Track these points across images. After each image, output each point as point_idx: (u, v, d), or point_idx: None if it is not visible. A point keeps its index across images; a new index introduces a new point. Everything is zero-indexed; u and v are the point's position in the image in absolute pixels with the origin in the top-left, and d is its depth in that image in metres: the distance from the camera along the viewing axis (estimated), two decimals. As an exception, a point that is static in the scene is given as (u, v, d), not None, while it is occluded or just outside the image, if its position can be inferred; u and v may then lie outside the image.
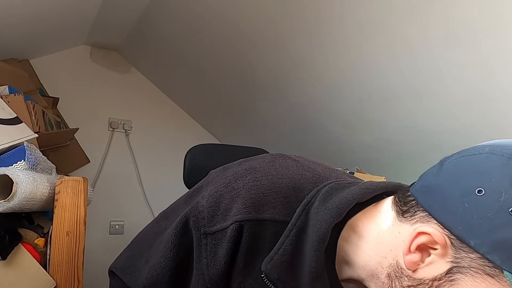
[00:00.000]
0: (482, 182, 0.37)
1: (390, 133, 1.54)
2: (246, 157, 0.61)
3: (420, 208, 0.42)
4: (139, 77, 2.48)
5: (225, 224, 0.49)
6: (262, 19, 1.44)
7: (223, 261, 0.49)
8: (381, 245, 0.45)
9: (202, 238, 0.51)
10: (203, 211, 0.51)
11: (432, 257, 0.40)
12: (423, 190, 0.43)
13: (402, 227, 0.44)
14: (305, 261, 0.46)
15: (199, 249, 0.52)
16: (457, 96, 1.20)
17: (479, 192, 0.37)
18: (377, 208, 0.49)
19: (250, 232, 0.48)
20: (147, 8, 1.79)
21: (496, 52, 1.01)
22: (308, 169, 0.56)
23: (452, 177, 0.40)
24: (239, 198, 0.50)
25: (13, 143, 1.01)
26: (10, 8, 1.41)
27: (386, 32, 1.18)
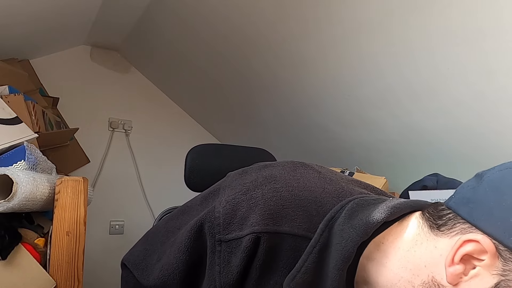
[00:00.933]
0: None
1: (390, 133, 1.54)
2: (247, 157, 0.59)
3: (460, 221, 0.40)
4: (139, 77, 2.48)
5: (241, 233, 0.48)
6: (263, 19, 1.44)
7: (236, 271, 0.48)
8: (413, 262, 0.43)
9: (216, 244, 0.50)
10: (219, 217, 0.50)
11: (477, 269, 0.38)
12: (464, 202, 0.41)
13: (439, 241, 0.41)
14: (327, 281, 0.44)
15: (213, 255, 0.50)
16: (457, 96, 1.20)
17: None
18: (403, 225, 0.47)
19: (267, 244, 0.47)
20: (147, 8, 1.79)
21: (497, 52, 1.01)
22: (331, 182, 0.53)
23: (497, 188, 0.39)
24: (257, 208, 0.48)
25: (13, 143, 1.01)
26: (10, 8, 1.41)
27: (386, 32, 1.18)
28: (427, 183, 1.23)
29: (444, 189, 1.15)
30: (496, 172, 0.41)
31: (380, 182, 1.26)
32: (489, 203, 0.38)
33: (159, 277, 0.54)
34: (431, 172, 1.29)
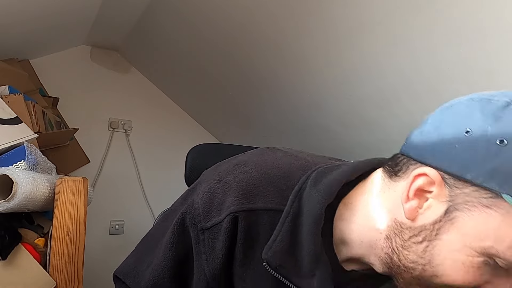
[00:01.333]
0: (468, 124, 0.40)
1: (391, 133, 1.54)
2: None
3: (412, 162, 0.44)
4: (139, 77, 2.48)
5: (220, 218, 0.50)
6: (263, 18, 1.44)
7: (221, 254, 0.50)
8: (378, 211, 0.46)
9: (199, 234, 0.52)
10: (198, 208, 0.52)
11: (430, 201, 0.41)
12: (413, 145, 0.45)
13: (397, 185, 0.45)
14: (304, 245, 0.47)
15: (198, 245, 0.53)
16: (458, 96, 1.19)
17: (467, 133, 0.39)
18: (368, 182, 0.51)
19: (244, 222, 0.49)
20: (147, 7, 1.79)
21: (497, 52, 1.01)
22: (297, 158, 0.56)
23: (438, 127, 0.43)
24: (231, 191, 0.51)
25: (13, 143, 1.01)
26: (10, 8, 1.41)
27: (386, 32, 1.18)
28: (427, 183, 1.23)
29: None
30: (436, 113, 0.46)
31: (380, 182, 1.26)
32: (433, 141, 0.42)
33: (150, 279, 0.55)
34: (431, 172, 1.29)
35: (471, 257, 0.38)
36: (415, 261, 0.42)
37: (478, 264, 0.38)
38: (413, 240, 0.42)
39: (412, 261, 0.42)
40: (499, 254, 0.37)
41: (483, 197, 0.37)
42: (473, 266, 0.38)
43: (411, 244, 0.42)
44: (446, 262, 0.39)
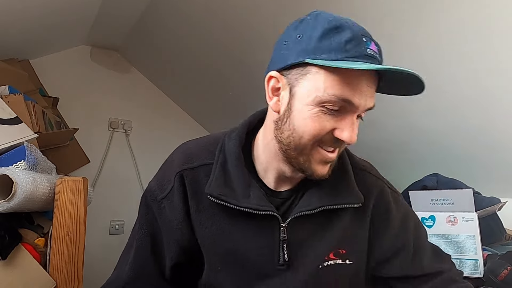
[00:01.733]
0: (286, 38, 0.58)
1: (391, 133, 1.54)
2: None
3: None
4: (139, 77, 2.48)
5: (171, 184, 0.65)
6: (263, 19, 1.44)
7: (180, 208, 0.64)
8: (268, 126, 0.63)
9: (159, 204, 0.66)
10: (154, 186, 0.68)
11: (282, 93, 0.58)
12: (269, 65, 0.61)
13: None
14: (234, 177, 0.63)
15: (161, 214, 0.66)
16: (458, 95, 1.20)
17: (285, 43, 0.57)
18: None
19: (189, 178, 0.64)
20: (147, 8, 1.79)
21: (498, 51, 1.01)
22: (222, 132, 0.71)
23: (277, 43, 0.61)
24: (175, 163, 0.67)
25: (13, 143, 1.01)
26: (10, 8, 1.41)
27: (386, 31, 1.18)
28: (427, 183, 1.23)
29: (444, 189, 1.15)
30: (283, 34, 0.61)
31: (380, 182, 1.26)
32: (275, 55, 0.59)
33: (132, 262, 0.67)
34: (431, 172, 1.29)
35: (311, 111, 0.54)
36: (288, 136, 0.57)
37: (317, 113, 0.54)
38: (282, 124, 0.58)
39: (287, 137, 0.57)
40: (323, 98, 0.53)
41: (301, 71, 0.55)
42: (315, 116, 0.54)
43: (282, 127, 0.58)
44: (300, 123, 0.55)
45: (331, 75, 0.52)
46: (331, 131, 0.55)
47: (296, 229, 0.63)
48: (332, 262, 0.64)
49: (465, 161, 1.39)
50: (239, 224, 0.63)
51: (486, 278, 0.97)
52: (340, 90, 0.52)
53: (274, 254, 0.63)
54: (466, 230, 1.03)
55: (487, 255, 1.03)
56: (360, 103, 0.54)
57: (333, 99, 0.52)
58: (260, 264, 0.64)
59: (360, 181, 0.67)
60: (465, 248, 1.02)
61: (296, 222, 0.63)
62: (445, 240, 1.05)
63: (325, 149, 0.57)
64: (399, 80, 0.55)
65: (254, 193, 0.62)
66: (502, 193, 1.25)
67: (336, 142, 0.56)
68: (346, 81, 0.52)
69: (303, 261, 0.64)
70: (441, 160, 1.48)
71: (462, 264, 1.01)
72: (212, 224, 0.64)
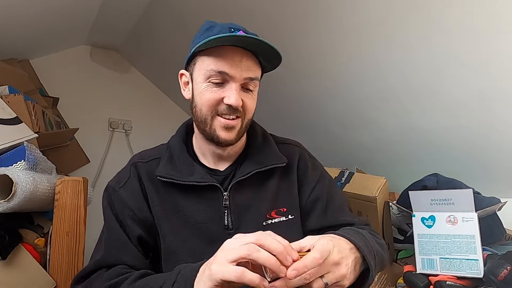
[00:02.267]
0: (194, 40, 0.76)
1: (390, 133, 1.54)
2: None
3: None
4: (139, 77, 2.48)
5: (127, 175, 0.77)
6: (263, 19, 1.44)
7: (137, 187, 0.75)
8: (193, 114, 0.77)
9: (118, 193, 0.75)
10: (112, 183, 0.78)
11: (189, 85, 0.75)
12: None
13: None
14: (179, 163, 0.76)
15: (120, 200, 0.75)
16: (457, 96, 1.20)
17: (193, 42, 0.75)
18: None
19: (142, 168, 0.77)
20: (147, 8, 1.79)
21: (496, 52, 1.01)
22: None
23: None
24: (129, 163, 0.80)
25: (13, 143, 1.01)
26: (11, 8, 1.41)
27: (385, 32, 1.18)
28: (427, 183, 1.23)
29: (444, 189, 1.15)
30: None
31: (380, 182, 1.25)
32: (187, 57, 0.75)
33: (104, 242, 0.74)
34: (431, 172, 1.29)
35: (202, 86, 0.70)
36: (195, 112, 0.73)
37: (206, 87, 0.69)
38: (192, 106, 0.74)
39: (195, 113, 0.73)
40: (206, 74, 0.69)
41: (193, 61, 0.73)
42: (205, 89, 0.69)
43: (193, 109, 0.74)
44: (198, 98, 0.71)
45: (209, 56, 0.69)
46: (221, 101, 0.69)
47: (237, 196, 0.75)
48: (276, 220, 0.76)
49: (465, 161, 1.39)
50: (188, 197, 0.74)
51: (486, 278, 0.97)
52: (216, 65, 0.68)
53: (221, 220, 0.74)
54: (466, 230, 1.03)
55: (487, 255, 1.03)
56: (235, 73, 0.68)
57: (213, 73, 0.68)
58: (210, 231, 0.73)
59: (283, 150, 0.82)
60: (465, 248, 1.02)
61: (235, 190, 0.75)
62: (445, 240, 1.05)
63: (224, 117, 0.70)
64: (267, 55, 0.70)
65: (197, 171, 0.75)
66: (502, 193, 1.25)
67: (230, 109, 0.69)
68: (220, 58, 0.68)
69: (248, 223, 0.74)
70: (441, 160, 1.48)
71: (462, 264, 1.01)
72: (165, 198, 0.74)
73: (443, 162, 1.47)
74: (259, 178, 0.76)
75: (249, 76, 0.70)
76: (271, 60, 0.72)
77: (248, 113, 0.73)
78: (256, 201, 0.76)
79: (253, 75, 0.70)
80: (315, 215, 0.78)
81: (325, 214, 0.78)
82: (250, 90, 0.72)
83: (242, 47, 0.69)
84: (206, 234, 0.73)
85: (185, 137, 0.82)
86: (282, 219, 0.76)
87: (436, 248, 1.06)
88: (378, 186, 1.24)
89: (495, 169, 1.34)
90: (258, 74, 0.72)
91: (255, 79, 0.71)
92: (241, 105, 0.69)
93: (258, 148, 0.80)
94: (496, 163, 1.31)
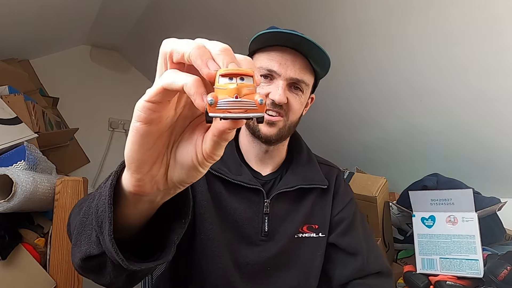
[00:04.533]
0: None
1: (390, 133, 1.54)
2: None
3: None
4: (139, 77, 2.48)
5: None
6: (262, 19, 1.44)
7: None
8: None
9: None
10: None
11: None
12: None
13: None
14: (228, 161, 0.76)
15: None
16: (457, 95, 1.20)
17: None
18: None
19: None
20: (147, 7, 1.79)
21: (496, 52, 1.01)
22: None
23: None
24: None
25: (13, 143, 1.01)
26: (10, 8, 1.41)
27: (386, 32, 1.18)
28: (427, 183, 1.23)
29: (444, 189, 1.15)
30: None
31: (380, 182, 1.25)
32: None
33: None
34: (431, 172, 1.29)
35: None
36: None
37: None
38: None
39: None
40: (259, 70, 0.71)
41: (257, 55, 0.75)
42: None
43: None
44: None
45: (262, 54, 0.73)
46: (267, 96, 0.71)
47: (277, 205, 0.77)
48: (307, 235, 0.78)
49: (465, 161, 1.39)
50: (231, 194, 0.75)
51: (486, 278, 0.97)
52: (267, 62, 0.71)
53: (258, 225, 0.75)
54: (466, 230, 1.03)
55: (487, 255, 1.03)
56: (281, 71, 0.70)
57: (263, 70, 0.71)
58: (245, 231, 0.75)
59: (324, 170, 0.85)
60: (465, 248, 1.02)
61: (277, 198, 0.77)
62: (445, 240, 1.05)
63: (267, 112, 0.72)
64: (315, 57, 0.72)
65: (245, 172, 0.76)
66: (502, 193, 1.25)
67: (274, 105, 0.71)
68: (270, 56, 0.71)
69: (281, 233, 0.76)
70: (441, 160, 1.48)
71: (462, 264, 1.01)
72: (212, 189, 0.74)
73: (443, 162, 1.47)
74: (299, 192, 0.79)
75: (296, 77, 0.72)
76: (320, 63, 0.73)
77: (292, 113, 0.74)
78: (292, 213, 0.78)
79: (300, 76, 0.72)
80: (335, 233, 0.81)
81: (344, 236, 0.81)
82: (299, 90, 0.74)
83: (292, 48, 0.71)
84: (241, 233, 0.75)
85: (235, 135, 0.83)
86: (313, 235, 0.79)
87: (436, 248, 1.06)
88: (378, 186, 1.24)
89: (495, 169, 1.34)
90: (307, 78, 0.74)
91: (303, 81, 0.73)
92: (285, 103, 0.71)
93: (303, 164, 0.82)
94: (496, 163, 1.31)
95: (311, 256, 0.79)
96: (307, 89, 0.75)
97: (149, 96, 0.34)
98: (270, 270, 0.75)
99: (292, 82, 0.72)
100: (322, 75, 0.78)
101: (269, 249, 0.75)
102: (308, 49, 0.71)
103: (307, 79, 0.74)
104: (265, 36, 0.71)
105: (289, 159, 0.84)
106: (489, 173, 1.37)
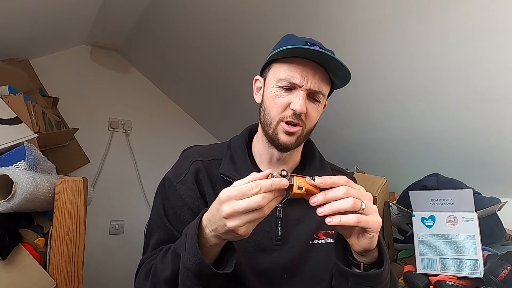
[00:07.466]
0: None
1: (390, 133, 1.54)
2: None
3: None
4: (139, 77, 2.48)
5: (186, 170, 0.79)
6: (261, 20, 1.44)
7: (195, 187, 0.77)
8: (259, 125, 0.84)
9: (175, 187, 0.79)
10: (170, 175, 0.82)
11: (261, 89, 0.81)
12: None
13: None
14: (240, 166, 0.79)
15: (175, 195, 0.78)
16: (456, 96, 1.20)
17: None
18: None
19: (203, 166, 0.80)
20: (147, 8, 1.79)
21: (495, 53, 1.01)
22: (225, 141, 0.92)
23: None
24: (189, 156, 0.83)
25: (13, 143, 1.01)
26: (10, 8, 1.41)
27: (384, 33, 1.18)
28: (427, 183, 1.23)
29: (444, 189, 1.15)
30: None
31: (380, 182, 1.26)
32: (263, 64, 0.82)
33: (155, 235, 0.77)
34: (431, 172, 1.29)
35: (272, 90, 0.75)
36: (263, 115, 0.78)
37: (276, 91, 0.75)
38: (261, 109, 0.79)
39: (262, 115, 0.79)
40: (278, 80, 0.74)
41: (268, 68, 0.79)
42: (275, 93, 0.75)
43: (261, 111, 0.79)
44: (267, 101, 0.77)
45: (283, 65, 0.75)
46: (288, 106, 0.74)
47: (289, 210, 0.78)
48: (323, 241, 0.78)
49: (464, 161, 1.39)
50: None
51: (486, 278, 0.97)
52: (287, 74, 0.73)
53: (271, 230, 0.76)
54: (466, 230, 1.03)
55: (487, 255, 1.03)
56: (302, 83, 0.72)
57: (284, 82, 0.73)
58: (260, 239, 0.75)
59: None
60: (465, 248, 1.02)
61: (289, 203, 0.78)
62: (445, 240, 1.05)
63: (287, 123, 0.75)
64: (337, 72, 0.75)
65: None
66: (502, 193, 1.25)
67: (295, 115, 0.73)
68: (291, 68, 0.73)
69: (295, 238, 0.77)
70: (441, 160, 1.48)
71: (462, 264, 1.01)
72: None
73: (443, 162, 1.47)
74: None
75: (315, 89, 0.74)
76: (341, 78, 0.77)
77: (310, 122, 0.77)
78: (305, 218, 0.79)
79: (319, 88, 0.74)
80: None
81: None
82: (316, 101, 0.76)
83: (313, 61, 0.73)
84: (255, 239, 0.75)
85: (248, 140, 0.86)
86: (330, 240, 0.78)
87: (436, 248, 1.06)
88: (378, 186, 1.24)
89: (495, 169, 1.34)
90: (325, 88, 0.76)
91: (321, 92, 0.75)
92: (305, 112, 0.73)
93: (316, 170, 0.83)
94: (496, 163, 1.31)
95: (328, 262, 0.78)
96: (323, 99, 0.78)
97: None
98: (286, 277, 0.76)
99: (311, 93, 0.74)
100: (340, 86, 0.81)
101: (284, 255, 0.76)
102: (329, 64, 0.73)
103: (325, 89, 0.76)
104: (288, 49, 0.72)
105: (302, 164, 0.86)
106: (489, 173, 1.37)
